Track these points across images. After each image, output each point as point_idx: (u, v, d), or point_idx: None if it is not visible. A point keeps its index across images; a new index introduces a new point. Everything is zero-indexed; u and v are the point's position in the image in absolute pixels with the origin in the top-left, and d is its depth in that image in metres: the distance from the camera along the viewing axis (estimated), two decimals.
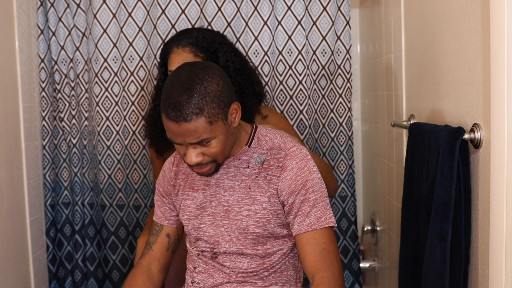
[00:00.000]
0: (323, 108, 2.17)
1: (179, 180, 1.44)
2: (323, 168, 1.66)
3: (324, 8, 2.09)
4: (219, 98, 1.21)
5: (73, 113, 2.18)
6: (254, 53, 2.10)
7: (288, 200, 1.32)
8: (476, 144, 1.18)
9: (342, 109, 2.16)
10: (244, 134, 1.37)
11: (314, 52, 2.12)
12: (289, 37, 2.10)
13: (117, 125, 2.16)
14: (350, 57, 2.14)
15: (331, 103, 2.16)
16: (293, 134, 1.74)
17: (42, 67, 2.15)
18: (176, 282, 1.79)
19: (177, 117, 1.17)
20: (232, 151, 1.35)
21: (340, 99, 2.16)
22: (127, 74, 2.13)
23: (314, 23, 2.11)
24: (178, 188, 1.43)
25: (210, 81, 1.21)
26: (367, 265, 2.34)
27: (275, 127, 1.59)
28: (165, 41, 2.07)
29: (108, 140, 2.15)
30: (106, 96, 2.15)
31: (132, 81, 2.13)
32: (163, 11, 2.07)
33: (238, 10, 2.08)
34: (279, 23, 2.09)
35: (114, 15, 2.09)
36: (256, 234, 1.33)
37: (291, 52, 2.10)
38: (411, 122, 1.61)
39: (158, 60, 1.77)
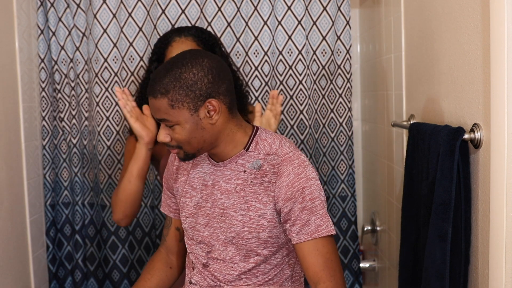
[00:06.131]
0: (323, 108, 2.17)
1: (180, 175, 1.44)
2: None
3: (324, 8, 2.09)
4: (190, 88, 1.22)
5: (73, 113, 2.18)
6: (254, 53, 2.10)
7: (284, 208, 1.29)
8: (476, 144, 1.18)
9: (342, 109, 2.16)
10: (242, 136, 1.33)
11: (314, 52, 2.12)
12: (289, 37, 2.09)
13: (117, 125, 2.16)
14: (350, 57, 2.14)
15: (331, 103, 2.16)
16: None
17: (42, 67, 2.15)
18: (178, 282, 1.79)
19: (149, 91, 1.26)
20: (228, 152, 1.33)
21: (340, 99, 2.16)
22: (127, 74, 2.13)
23: (314, 23, 2.11)
24: (179, 184, 1.44)
25: (189, 69, 1.23)
26: (367, 265, 2.34)
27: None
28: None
29: (108, 140, 2.15)
30: (106, 96, 2.14)
31: (132, 81, 2.13)
32: (163, 11, 2.07)
33: (238, 10, 2.08)
34: (279, 23, 2.09)
35: (114, 15, 2.09)
36: (249, 241, 1.31)
37: (291, 52, 2.10)
38: (411, 122, 1.61)
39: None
